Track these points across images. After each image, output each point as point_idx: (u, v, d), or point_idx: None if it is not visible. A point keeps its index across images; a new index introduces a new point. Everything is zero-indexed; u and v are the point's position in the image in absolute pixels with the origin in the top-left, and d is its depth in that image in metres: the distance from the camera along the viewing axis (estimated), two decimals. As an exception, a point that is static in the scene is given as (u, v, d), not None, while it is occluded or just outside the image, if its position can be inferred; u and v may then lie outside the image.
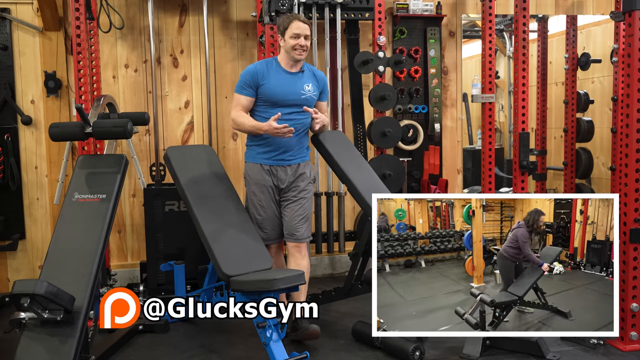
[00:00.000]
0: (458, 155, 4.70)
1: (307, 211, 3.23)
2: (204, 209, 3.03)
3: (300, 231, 3.19)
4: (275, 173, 3.18)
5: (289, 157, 3.18)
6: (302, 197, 3.20)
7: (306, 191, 3.22)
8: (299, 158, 3.21)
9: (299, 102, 3.16)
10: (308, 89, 3.18)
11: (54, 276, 2.42)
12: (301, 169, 3.21)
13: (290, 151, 3.18)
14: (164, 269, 3.52)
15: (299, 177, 3.20)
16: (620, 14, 2.88)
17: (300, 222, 3.19)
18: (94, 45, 3.76)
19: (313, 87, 3.21)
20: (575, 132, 5.06)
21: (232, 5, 4.25)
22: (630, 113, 2.85)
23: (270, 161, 3.18)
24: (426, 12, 4.42)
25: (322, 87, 3.27)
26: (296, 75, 3.18)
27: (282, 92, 3.14)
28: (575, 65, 5.06)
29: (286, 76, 3.17)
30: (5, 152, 3.94)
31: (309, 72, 3.24)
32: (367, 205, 3.18)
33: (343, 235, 4.17)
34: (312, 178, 3.27)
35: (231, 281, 2.76)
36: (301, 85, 3.18)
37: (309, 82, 3.20)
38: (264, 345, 2.68)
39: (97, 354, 2.82)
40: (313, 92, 3.20)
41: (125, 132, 2.83)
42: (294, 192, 3.20)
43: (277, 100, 3.15)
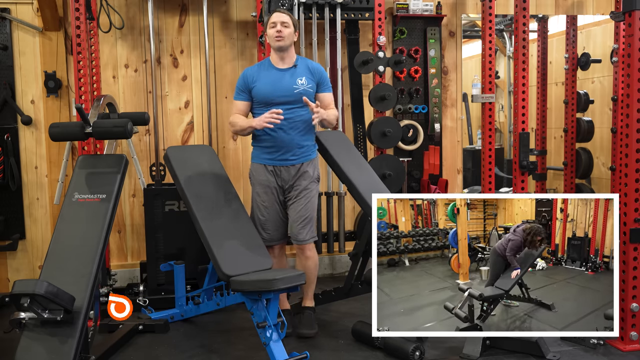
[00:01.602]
0: (458, 155, 4.70)
1: (309, 212, 3.21)
2: (204, 209, 3.04)
3: (303, 234, 3.20)
4: (279, 173, 3.18)
5: (291, 157, 3.17)
6: (304, 197, 3.19)
7: (308, 190, 3.20)
8: (303, 157, 3.20)
9: (293, 97, 3.13)
10: (301, 83, 3.15)
11: (54, 276, 2.42)
12: (304, 168, 3.20)
13: (292, 150, 3.17)
14: (164, 269, 3.52)
15: (301, 176, 3.19)
16: (620, 14, 2.88)
17: (302, 225, 3.19)
18: (94, 45, 3.76)
19: (307, 80, 3.17)
20: (575, 132, 5.06)
21: (232, 5, 4.25)
22: (630, 113, 2.85)
23: (273, 161, 3.18)
24: (426, 12, 4.42)
25: (318, 78, 3.22)
26: (287, 71, 3.17)
27: (272, 89, 3.14)
28: (575, 65, 5.06)
29: (276, 73, 3.17)
30: (5, 152, 3.94)
31: (303, 66, 3.21)
32: (367, 205, 3.18)
33: (343, 235, 4.17)
34: (315, 177, 3.25)
35: (231, 281, 2.76)
36: (294, 79, 3.15)
37: (303, 76, 3.17)
38: (264, 345, 2.68)
39: (97, 354, 2.82)
40: (308, 85, 3.17)
41: (125, 132, 2.83)
42: (296, 192, 3.19)
43: (268, 98, 3.15)
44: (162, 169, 3.93)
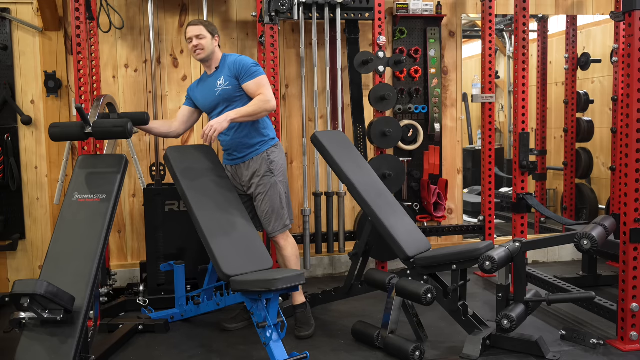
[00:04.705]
0: (458, 155, 4.70)
1: (269, 207, 3.24)
2: (203, 209, 3.04)
3: (270, 227, 3.27)
4: (236, 171, 3.31)
5: (239, 155, 3.27)
6: (259, 193, 3.24)
7: (262, 185, 3.24)
8: (252, 153, 3.24)
9: (217, 100, 3.21)
10: (220, 84, 3.19)
11: (54, 276, 2.42)
12: (253, 165, 3.25)
13: (239, 149, 3.25)
14: (164, 269, 3.52)
15: (253, 174, 3.25)
16: (620, 14, 2.88)
17: (266, 220, 3.27)
18: (94, 45, 3.76)
19: (225, 78, 3.18)
20: (575, 132, 5.06)
21: (232, 5, 4.25)
22: (630, 113, 2.84)
23: (229, 161, 3.33)
24: (426, 12, 4.42)
25: (235, 72, 3.16)
26: (212, 76, 3.26)
27: (202, 99, 3.30)
28: (575, 65, 5.07)
29: (207, 80, 3.29)
30: (5, 152, 3.94)
31: (224, 65, 3.23)
32: (367, 206, 3.18)
33: (343, 235, 4.17)
34: (264, 171, 3.23)
35: (231, 281, 2.76)
36: (215, 82, 3.22)
37: (221, 75, 3.20)
38: (264, 345, 2.68)
39: (97, 354, 2.82)
40: (225, 84, 3.18)
41: (125, 132, 2.83)
42: (252, 189, 3.28)
43: (203, 107, 3.33)
44: (162, 169, 3.93)
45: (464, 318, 2.97)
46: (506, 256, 2.83)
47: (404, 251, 3.07)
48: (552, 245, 3.63)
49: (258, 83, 3.14)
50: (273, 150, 3.27)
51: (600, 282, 3.98)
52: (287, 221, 3.30)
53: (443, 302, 3.01)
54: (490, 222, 4.39)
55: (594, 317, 3.25)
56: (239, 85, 3.17)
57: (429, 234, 4.35)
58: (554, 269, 4.37)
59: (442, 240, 4.66)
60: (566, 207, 5.17)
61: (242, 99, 3.18)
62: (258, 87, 3.14)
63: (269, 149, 3.26)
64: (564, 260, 4.81)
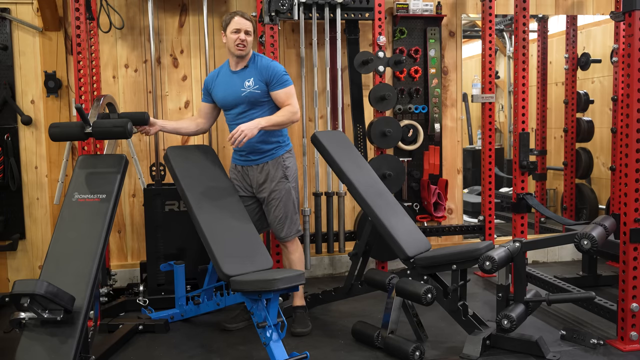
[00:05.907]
0: (458, 155, 4.70)
1: (282, 212, 3.23)
2: (204, 209, 3.04)
3: (282, 232, 3.26)
4: (246, 172, 3.26)
5: (254, 157, 3.23)
6: (273, 199, 3.22)
7: (276, 191, 3.22)
8: (267, 157, 3.22)
9: (242, 100, 3.13)
10: (248, 85, 3.11)
11: (54, 276, 2.42)
12: (267, 168, 3.22)
13: (254, 152, 3.21)
14: (164, 269, 3.52)
15: (266, 179, 3.22)
16: (620, 14, 2.88)
17: (279, 225, 3.25)
18: (94, 45, 3.76)
19: (255, 80, 3.12)
20: (575, 132, 5.07)
21: (232, 5, 4.25)
22: (630, 113, 2.84)
23: (240, 161, 3.28)
24: (426, 12, 4.42)
25: (266, 77, 3.11)
26: (238, 73, 3.17)
27: (224, 95, 3.21)
28: (575, 65, 5.07)
29: (230, 76, 3.19)
30: (5, 152, 3.94)
31: (253, 65, 3.16)
32: (367, 206, 3.18)
33: (343, 235, 4.17)
34: (280, 176, 3.22)
35: (231, 281, 2.76)
36: (242, 82, 3.14)
37: (251, 77, 3.12)
38: (264, 345, 2.68)
39: (97, 354, 2.82)
40: (254, 87, 3.11)
41: (125, 132, 2.83)
42: (265, 194, 3.24)
43: (222, 104, 3.24)
44: (162, 169, 3.92)
45: (464, 318, 2.97)
46: (506, 256, 2.83)
47: (404, 251, 3.07)
48: (552, 245, 3.64)
49: (288, 93, 3.14)
50: (288, 156, 3.27)
51: (600, 282, 3.98)
52: (300, 226, 3.33)
53: (443, 302, 3.01)
54: (490, 222, 4.39)
55: (594, 317, 3.25)
56: (267, 91, 3.13)
57: (429, 234, 4.35)
58: (554, 269, 4.37)
59: (442, 240, 4.66)
60: (566, 207, 5.17)
61: (266, 105, 3.15)
62: (287, 97, 3.13)
63: (284, 154, 3.25)
64: (564, 260, 4.81)
